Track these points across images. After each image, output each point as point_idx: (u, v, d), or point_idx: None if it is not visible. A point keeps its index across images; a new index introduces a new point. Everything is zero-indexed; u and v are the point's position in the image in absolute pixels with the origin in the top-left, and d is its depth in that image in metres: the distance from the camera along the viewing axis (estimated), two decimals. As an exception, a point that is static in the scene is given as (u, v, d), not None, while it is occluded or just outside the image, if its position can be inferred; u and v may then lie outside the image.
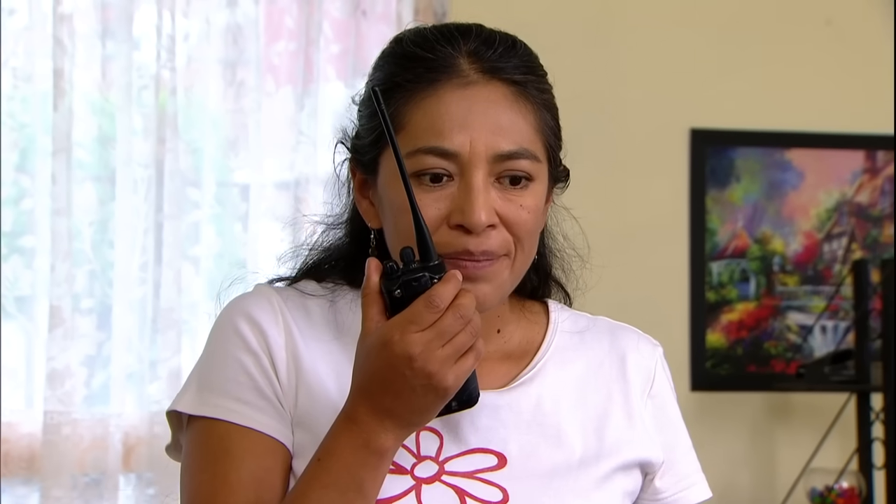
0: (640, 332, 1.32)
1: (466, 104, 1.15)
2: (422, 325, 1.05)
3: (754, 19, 3.24)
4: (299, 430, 1.17)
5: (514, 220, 1.16)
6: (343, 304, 1.23)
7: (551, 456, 1.20)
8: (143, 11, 2.82)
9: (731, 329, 3.21)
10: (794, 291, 3.24)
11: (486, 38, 1.19)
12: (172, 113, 2.79)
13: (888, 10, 3.28)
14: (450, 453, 1.18)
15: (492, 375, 1.21)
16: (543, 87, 1.20)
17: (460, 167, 1.14)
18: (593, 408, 1.24)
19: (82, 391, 2.74)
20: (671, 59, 3.18)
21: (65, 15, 2.74)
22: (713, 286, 3.20)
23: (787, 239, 3.25)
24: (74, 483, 2.70)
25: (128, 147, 2.77)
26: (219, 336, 1.21)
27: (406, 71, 1.17)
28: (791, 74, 3.23)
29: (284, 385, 1.18)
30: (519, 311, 1.28)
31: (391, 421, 1.08)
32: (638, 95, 3.16)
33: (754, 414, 3.20)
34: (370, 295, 1.09)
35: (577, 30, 3.12)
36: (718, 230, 3.22)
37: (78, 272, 2.75)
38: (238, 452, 1.16)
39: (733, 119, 3.22)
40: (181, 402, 1.20)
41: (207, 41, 2.86)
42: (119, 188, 2.77)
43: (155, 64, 2.79)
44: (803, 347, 3.22)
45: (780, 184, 3.25)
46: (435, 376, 1.05)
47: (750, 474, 3.17)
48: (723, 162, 3.22)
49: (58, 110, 2.71)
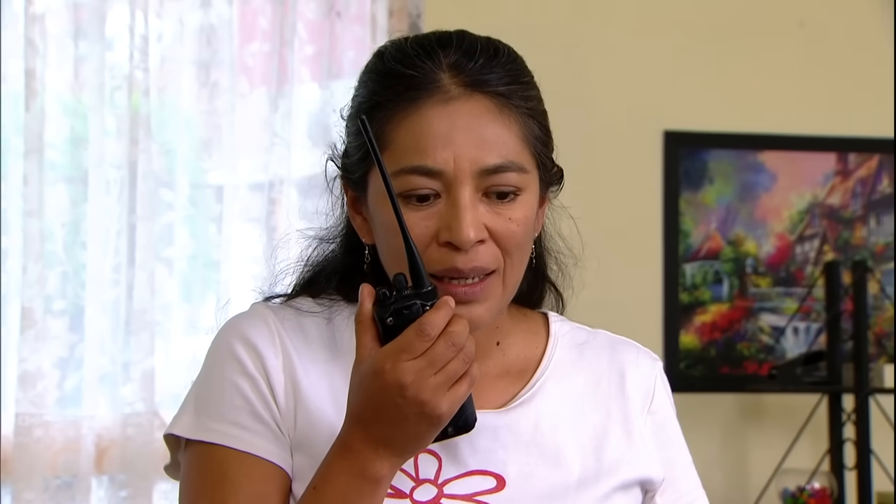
0: (639, 347, 1.32)
1: (449, 120, 1.14)
2: (413, 354, 1.05)
3: (727, 22, 3.25)
4: (298, 453, 1.17)
5: (503, 234, 1.15)
6: (340, 321, 1.22)
7: (549, 477, 1.19)
8: (115, 12, 2.80)
9: (705, 330, 3.22)
10: (767, 293, 3.26)
11: (467, 49, 1.17)
12: (145, 114, 2.78)
13: (860, 12, 3.30)
14: (448, 475, 1.17)
15: (491, 394, 1.21)
16: (529, 94, 1.19)
17: (446, 185, 1.13)
18: (592, 426, 1.24)
19: (54, 393, 2.73)
20: (645, 61, 3.19)
21: (36, 15, 2.72)
22: (686, 288, 3.21)
23: (759, 241, 3.26)
24: (46, 485, 2.69)
25: (100, 148, 2.76)
26: (215, 359, 1.20)
27: (387, 90, 1.16)
28: (764, 77, 3.25)
29: (282, 408, 1.17)
30: (519, 322, 1.27)
31: (386, 449, 1.07)
32: (611, 97, 3.17)
33: (727, 415, 3.22)
34: (363, 322, 1.08)
35: (550, 32, 3.13)
36: (692, 232, 3.23)
37: (50, 273, 2.73)
38: (236, 478, 1.15)
39: (706, 121, 3.24)
40: (178, 426, 1.19)
41: (181, 42, 2.85)
42: (91, 189, 2.75)
43: (128, 64, 2.78)
44: (776, 349, 3.24)
45: (753, 186, 3.26)
46: (428, 404, 1.05)
47: (722, 475, 3.18)
48: (696, 164, 3.24)
49: (29, 111, 2.70)
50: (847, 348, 3.07)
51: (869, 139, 3.29)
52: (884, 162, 3.31)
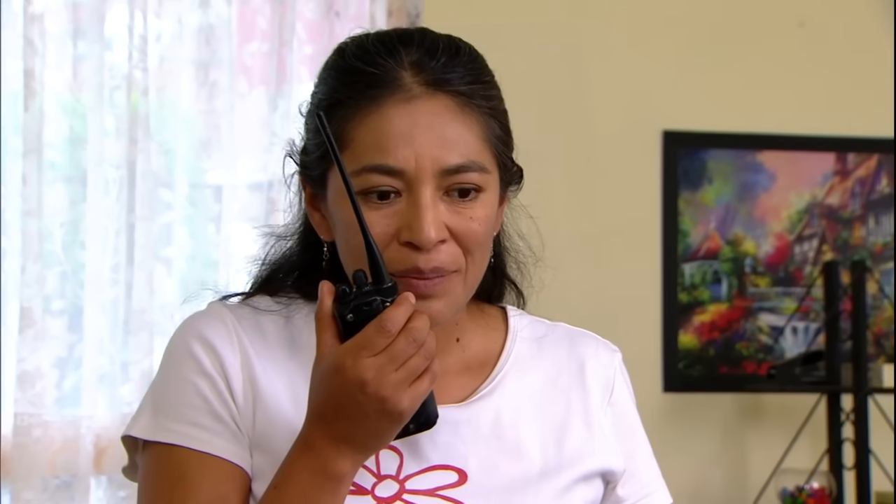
0: (598, 339, 1.32)
1: (410, 119, 1.13)
2: (373, 350, 1.04)
3: (727, 21, 3.25)
4: (257, 452, 1.16)
5: (464, 234, 1.14)
6: (298, 319, 1.21)
7: (511, 470, 1.19)
8: (114, 11, 2.80)
9: (704, 330, 3.22)
10: (766, 293, 3.26)
11: (429, 48, 1.16)
12: (144, 113, 2.77)
13: (860, 12, 3.30)
14: (410, 471, 1.16)
15: (451, 389, 1.20)
16: (490, 93, 1.18)
17: (407, 184, 1.13)
18: (552, 419, 1.23)
19: (53, 393, 2.72)
20: (643, 61, 3.19)
21: (35, 15, 2.72)
22: (685, 287, 3.21)
23: (758, 241, 3.26)
24: (45, 485, 2.68)
25: (99, 148, 2.75)
26: (172, 359, 1.19)
27: (348, 87, 1.15)
28: (763, 77, 3.25)
29: (241, 407, 1.16)
30: (478, 318, 1.27)
31: (347, 446, 1.07)
32: (610, 97, 3.17)
33: (726, 415, 3.22)
34: (323, 319, 1.08)
35: (548, 31, 3.13)
36: (691, 232, 3.23)
37: (49, 273, 2.73)
38: (195, 478, 1.14)
39: (705, 121, 3.24)
40: (136, 427, 1.18)
41: (180, 41, 2.85)
42: (90, 189, 2.75)
43: (127, 64, 2.78)
44: (774, 349, 3.24)
45: (752, 186, 3.26)
46: (388, 401, 1.04)
47: (721, 475, 3.18)
48: (695, 164, 3.24)
49: (28, 111, 2.69)
50: (846, 348, 3.07)
51: (868, 139, 3.29)
52: (883, 162, 3.31)
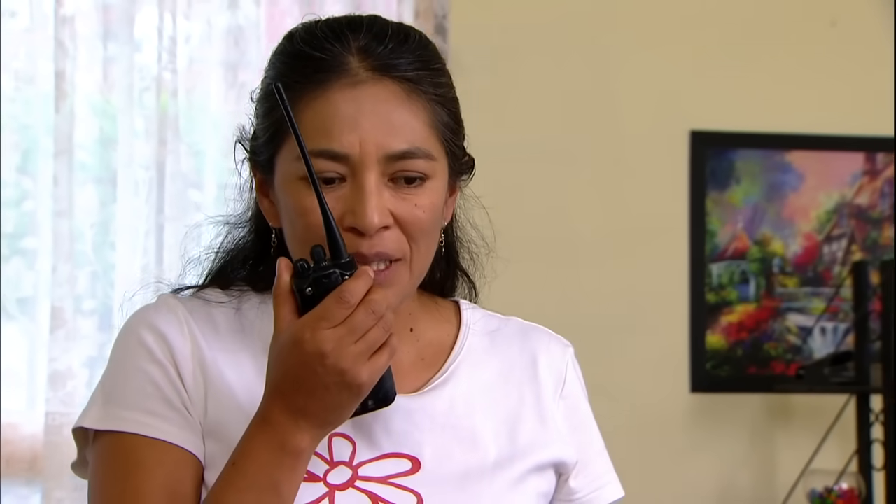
0: (550, 333, 1.31)
1: (356, 104, 1.12)
2: (333, 322, 1.04)
3: (755, 20, 3.24)
4: (210, 440, 1.15)
5: (408, 220, 1.14)
6: (248, 309, 1.21)
7: (465, 459, 1.19)
8: (144, 13, 2.82)
9: (731, 330, 3.21)
10: (794, 293, 3.25)
11: (377, 34, 1.15)
12: (174, 115, 2.79)
13: (889, 11, 3.29)
14: (363, 458, 1.16)
15: (405, 379, 1.20)
16: (438, 81, 1.17)
17: (351, 169, 1.12)
18: (505, 410, 1.23)
19: (84, 392, 2.74)
20: (671, 60, 3.19)
21: (66, 17, 2.75)
22: (713, 288, 3.21)
23: (786, 241, 3.25)
24: (76, 484, 2.70)
25: (129, 149, 2.78)
26: (123, 348, 1.19)
27: (295, 71, 1.15)
28: (792, 76, 3.24)
29: (192, 395, 1.16)
30: (431, 310, 1.26)
31: (306, 420, 1.06)
32: (638, 97, 3.17)
33: (754, 415, 3.21)
34: (281, 295, 1.07)
35: (576, 31, 3.12)
36: (718, 232, 3.22)
37: (79, 273, 2.76)
38: (149, 465, 1.13)
39: (733, 121, 3.23)
40: (87, 418, 1.18)
41: (209, 43, 2.87)
42: (120, 190, 2.77)
43: (156, 66, 2.80)
44: (803, 349, 3.23)
45: (781, 185, 3.25)
46: (348, 373, 1.04)
47: (750, 475, 3.17)
48: (723, 164, 3.23)
49: (59, 112, 2.72)
50: (875, 348, 3.05)
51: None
52: (912, 161, 3.29)
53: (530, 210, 3.05)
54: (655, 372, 3.12)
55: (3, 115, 2.75)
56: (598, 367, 3.07)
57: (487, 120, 3.12)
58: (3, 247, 2.77)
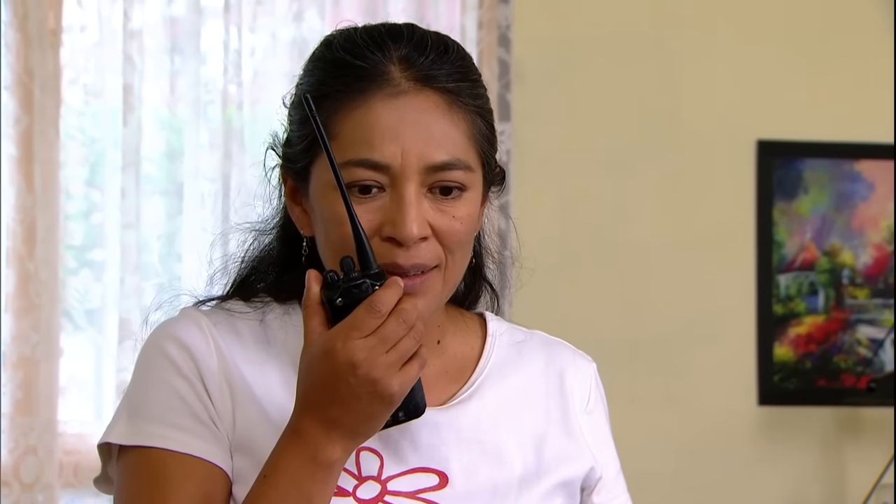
0: (574, 348, 1.30)
1: (397, 114, 1.12)
2: (364, 332, 1.03)
3: (821, 28, 3.20)
4: (238, 454, 1.14)
5: (446, 232, 1.13)
6: (272, 319, 1.20)
7: (492, 475, 1.18)
8: (210, 27, 2.85)
9: (800, 343, 3.17)
10: (865, 304, 3.20)
11: (417, 43, 1.15)
12: (239, 127, 2.82)
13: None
14: (391, 472, 1.15)
15: (431, 392, 1.18)
16: (477, 92, 1.17)
17: (392, 179, 1.12)
18: (531, 424, 1.22)
19: (150, 403, 2.77)
20: (738, 70, 3.16)
21: (134, 31, 2.78)
22: (781, 299, 3.17)
23: (856, 251, 3.21)
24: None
25: (195, 161, 2.80)
26: (148, 363, 1.18)
27: (335, 80, 1.14)
28: (859, 84, 3.19)
29: (219, 408, 1.15)
30: (458, 321, 1.26)
31: (338, 432, 1.05)
32: (704, 107, 3.14)
33: (824, 428, 3.16)
34: (311, 307, 1.07)
35: (640, 40, 3.11)
36: (786, 242, 3.18)
37: (146, 285, 2.78)
38: (177, 479, 1.12)
39: (801, 130, 3.19)
40: (113, 434, 1.17)
41: (273, 56, 2.89)
42: (186, 202, 2.80)
43: (222, 79, 2.82)
44: (874, 361, 3.18)
45: (850, 195, 3.21)
46: (380, 383, 1.03)
47: (820, 490, 3.12)
48: (790, 173, 3.19)
49: (127, 125, 2.75)
50: (948, 361, 3.00)
51: (970, 147, 3.21)
52: None
53: (596, 220, 3.03)
54: (723, 384, 3.09)
55: (72, 128, 2.79)
56: (665, 380, 3.08)
57: (551, 130, 3.12)
58: (71, 259, 2.81)
